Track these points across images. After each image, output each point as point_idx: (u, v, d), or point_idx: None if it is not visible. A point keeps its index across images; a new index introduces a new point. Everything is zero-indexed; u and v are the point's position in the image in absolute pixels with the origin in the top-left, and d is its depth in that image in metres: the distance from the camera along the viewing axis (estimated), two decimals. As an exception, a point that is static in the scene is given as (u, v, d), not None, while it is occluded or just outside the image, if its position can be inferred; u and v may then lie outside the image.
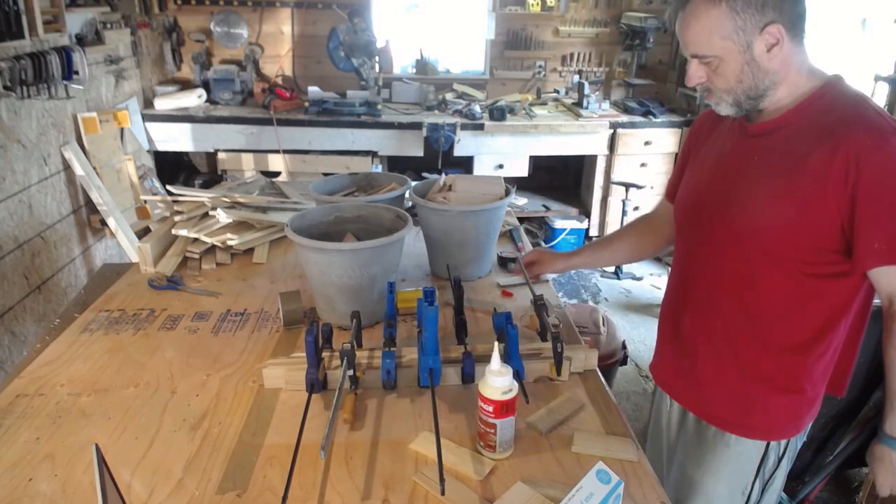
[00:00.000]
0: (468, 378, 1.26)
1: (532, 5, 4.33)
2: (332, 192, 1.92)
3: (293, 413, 1.18)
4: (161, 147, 3.96)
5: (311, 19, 4.31)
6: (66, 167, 3.02)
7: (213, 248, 1.88)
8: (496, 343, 1.06)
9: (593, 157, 4.22)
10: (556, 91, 4.55)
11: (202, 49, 4.23)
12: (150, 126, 3.90)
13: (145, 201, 3.37)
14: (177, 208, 1.95)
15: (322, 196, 1.82)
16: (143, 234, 3.15)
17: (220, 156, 3.98)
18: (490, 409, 1.03)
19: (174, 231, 1.88)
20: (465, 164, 4.17)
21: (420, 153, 3.99)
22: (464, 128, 3.94)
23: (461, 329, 1.39)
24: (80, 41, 3.08)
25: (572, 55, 4.56)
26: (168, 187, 2.49)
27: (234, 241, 1.86)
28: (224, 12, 4.21)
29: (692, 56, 1.14)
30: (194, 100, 4.02)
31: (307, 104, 3.94)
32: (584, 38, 4.53)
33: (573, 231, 4.32)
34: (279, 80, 4.39)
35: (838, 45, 3.19)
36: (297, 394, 1.23)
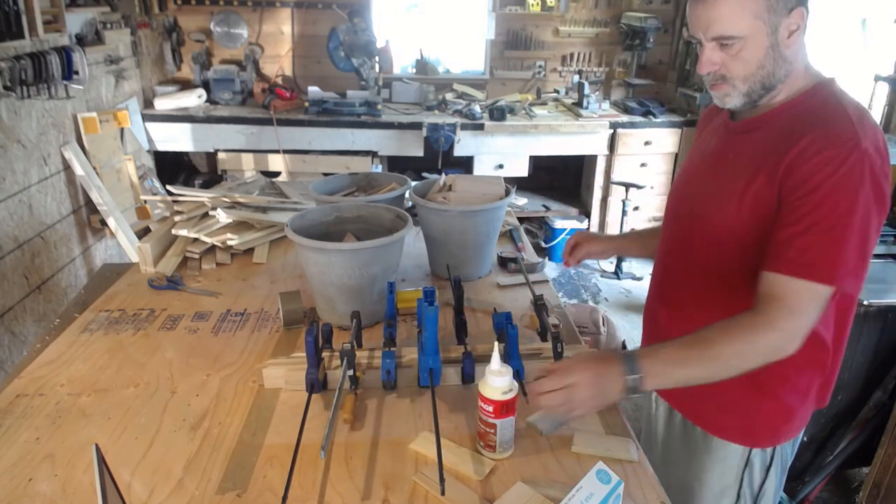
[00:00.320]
0: (468, 378, 1.26)
1: (532, 5, 4.33)
2: (332, 192, 1.92)
3: (293, 413, 1.18)
4: (161, 147, 3.96)
5: (311, 19, 4.31)
6: (66, 167, 3.02)
7: (213, 248, 1.88)
8: (496, 343, 1.06)
9: (593, 157, 4.21)
10: (556, 91, 4.55)
11: (202, 49, 4.23)
12: (150, 126, 3.90)
13: (145, 201, 3.37)
14: (177, 208, 1.95)
15: (322, 196, 1.82)
16: (143, 234, 3.15)
17: (220, 156, 3.97)
18: (490, 409, 1.03)
19: (174, 231, 1.88)
20: (465, 164, 4.17)
21: (420, 153, 3.99)
22: (464, 128, 3.93)
23: (461, 329, 1.39)
24: (80, 41, 3.08)
25: (572, 55, 4.56)
26: (168, 187, 2.49)
27: (234, 241, 1.86)
28: (224, 12, 4.21)
29: (713, 38, 1.05)
30: (194, 100, 4.01)
31: (307, 104, 3.94)
32: (584, 38, 4.53)
33: (573, 231, 4.31)
34: (279, 80, 4.39)
35: (838, 45, 3.19)
36: (297, 394, 1.23)
